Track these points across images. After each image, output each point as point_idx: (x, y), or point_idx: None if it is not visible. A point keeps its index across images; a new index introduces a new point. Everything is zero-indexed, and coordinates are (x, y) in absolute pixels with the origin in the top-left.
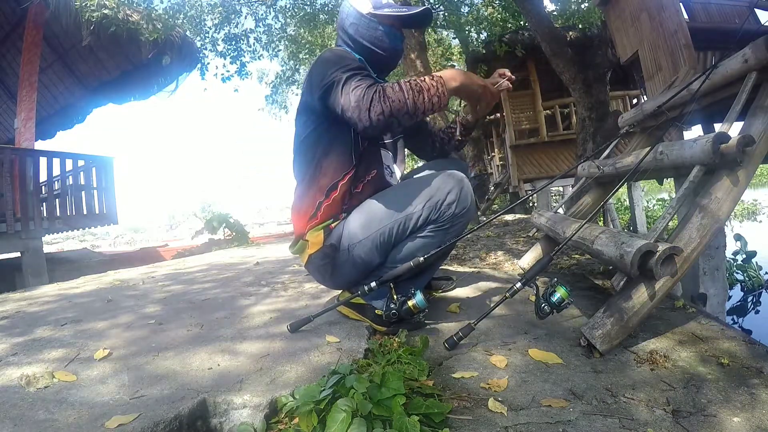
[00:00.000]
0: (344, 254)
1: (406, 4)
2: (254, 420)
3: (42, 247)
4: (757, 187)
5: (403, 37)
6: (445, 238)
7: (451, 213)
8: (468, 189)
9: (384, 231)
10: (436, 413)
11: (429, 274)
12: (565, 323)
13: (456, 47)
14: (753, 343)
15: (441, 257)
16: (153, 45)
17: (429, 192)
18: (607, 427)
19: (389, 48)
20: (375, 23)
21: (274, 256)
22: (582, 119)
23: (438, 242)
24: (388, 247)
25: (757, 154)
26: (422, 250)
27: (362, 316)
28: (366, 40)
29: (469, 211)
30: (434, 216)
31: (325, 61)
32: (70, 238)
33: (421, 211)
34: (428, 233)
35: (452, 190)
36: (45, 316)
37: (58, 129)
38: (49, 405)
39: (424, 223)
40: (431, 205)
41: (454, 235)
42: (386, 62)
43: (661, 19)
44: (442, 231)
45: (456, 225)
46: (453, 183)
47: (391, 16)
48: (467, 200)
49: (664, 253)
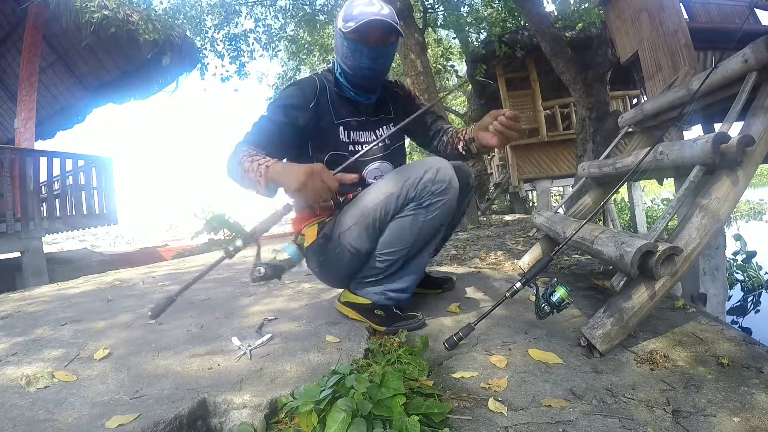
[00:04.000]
0: (335, 243)
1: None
2: (254, 420)
3: (42, 247)
4: (757, 187)
5: (376, 54)
6: (426, 217)
7: (428, 190)
8: (447, 171)
9: (368, 215)
10: (436, 413)
11: (419, 261)
12: (565, 323)
13: (456, 47)
14: (753, 344)
15: (428, 243)
16: (153, 45)
17: (407, 174)
18: (607, 427)
19: (352, 65)
20: (342, 39)
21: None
22: (582, 119)
23: (420, 221)
24: (375, 232)
25: (757, 154)
26: (407, 230)
27: (362, 316)
28: (338, 56)
29: (448, 190)
30: (412, 193)
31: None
32: (70, 238)
33: (399, 191)
34: (408, 212)
35: (429, 170)
36: (45, 316)
37: (58, 129)
38: (49, 405)
39: (404, 202)
40: (409, 183)
41: (435, 215)
42: (354, 80)
43: (661, 19)
44: (422, 209)
45: (435, 204)
46: (430, 164)
47: (348, 28)
48: (445, 179)
49: (664, 253)
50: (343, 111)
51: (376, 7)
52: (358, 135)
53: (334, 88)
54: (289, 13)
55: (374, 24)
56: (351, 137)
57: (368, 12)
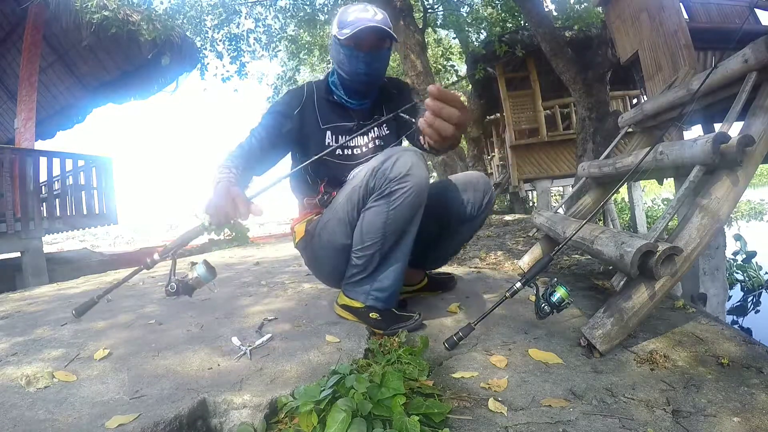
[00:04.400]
0: (317, 238)
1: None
2: (254, 420)
3: (42, 247)
4: (757, 187)
5: (371, 59)
6: (390, 208)
7: (386, 178)
8: (407, 159)
9: (339, 209)
10: (436, 413)
11: (396, 256)
12: (565, 323)
13: (456, 47)
14: (753, 344)
15: (402, 238)
16: (153, 45)
17: (371, 164)
18: (607, 427)
19: (349, 71)
20: (338, 46)
21: (273, 256)
22: (582, 119)
23: (384, 212)
24: (347, 226)
25: (757, 154)
26: (373, 223)
27: (359, 318)
28: (335, 63)
29: (407, 179)
30: (372, 183)
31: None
32: (70, 238)
33: (361, 181)
34: (372, 203)
35: (389, 159)
36: (45, 316)
37: (58, 129)
38: (49, 405)
39: (365, 192)
40: (369, 174)
41: (399, 205)
42: (351, 86)
43: (661, 19)
44: (383, 199)
45: (396, 193)
46: (391, 153)
47: (344, 35)
48: (405, 167)
49: (664, 253)
50: (332, 116)
51: (370, 13)
52: (348, 140)
53: (324, 94)
54: (289, 13)
55: (368, 30)
56: (340, 141)
57: (363, 18)
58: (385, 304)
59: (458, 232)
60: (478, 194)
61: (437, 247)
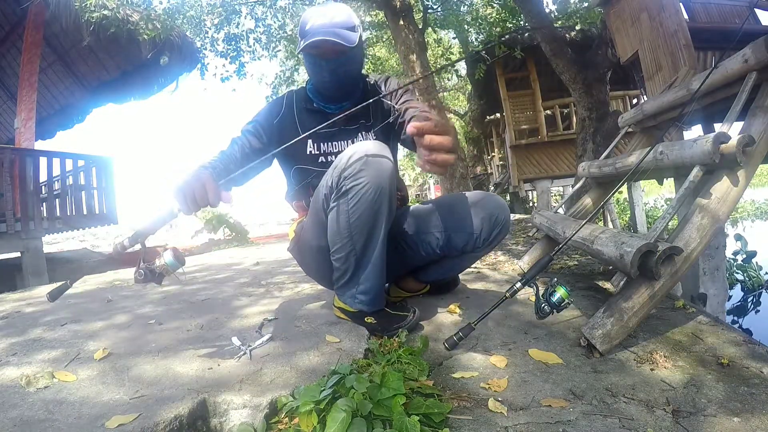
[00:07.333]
0: (301, 240)
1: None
2: (254, 420)
3: (42, 247)
4: (757, 187)
5: (334, 65)
6: (349, 206)
7: (342, 175)
8: (363, 151)
9: (312, 210)
10: (436, 413)
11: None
12: (565, 323)
13: (456, 47)
14: (753, 344)
15: (370, 240)
16: (153, 45)
17: (335, 162)
18: (607, 427)
19: (316, 80)
20: (302, 54)
21: (272, 257)
22: (582, 119)
23: (344, 211)
24: (321, 227)
25: (757, 154)
26: (336, 224)
27: (355, 322)
28: (306, 68)
29: (362, 173)
30: (330, 182)
31: None
32: (70, 238)
33: (325, 180)
34: (333, 203)
35: (345, 154)
36: (44, 316)
37: (58, 129)
38: (49, 405)
39: (327, 191)
40: (330, 171)
41: (357, 203)
42: (325, 93)
43: (661, 19)
44: (342, 198)
45: (352, 190)
46: (353, 146)
47: (301, 45)
48: (359, 161)
49: (664, 253)
50: (312, 124)
51: (327, 17)
52: (331, 146)
53: (303, 103)
54: (289, 13)
55: (320, 42)
56: (321, 149)
57: (318, 26)
58: (372, 307)
59: (462, 259)
60: (489, 224)
61: (441, 264)
